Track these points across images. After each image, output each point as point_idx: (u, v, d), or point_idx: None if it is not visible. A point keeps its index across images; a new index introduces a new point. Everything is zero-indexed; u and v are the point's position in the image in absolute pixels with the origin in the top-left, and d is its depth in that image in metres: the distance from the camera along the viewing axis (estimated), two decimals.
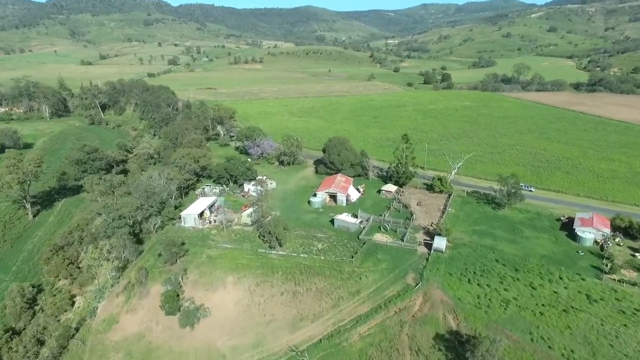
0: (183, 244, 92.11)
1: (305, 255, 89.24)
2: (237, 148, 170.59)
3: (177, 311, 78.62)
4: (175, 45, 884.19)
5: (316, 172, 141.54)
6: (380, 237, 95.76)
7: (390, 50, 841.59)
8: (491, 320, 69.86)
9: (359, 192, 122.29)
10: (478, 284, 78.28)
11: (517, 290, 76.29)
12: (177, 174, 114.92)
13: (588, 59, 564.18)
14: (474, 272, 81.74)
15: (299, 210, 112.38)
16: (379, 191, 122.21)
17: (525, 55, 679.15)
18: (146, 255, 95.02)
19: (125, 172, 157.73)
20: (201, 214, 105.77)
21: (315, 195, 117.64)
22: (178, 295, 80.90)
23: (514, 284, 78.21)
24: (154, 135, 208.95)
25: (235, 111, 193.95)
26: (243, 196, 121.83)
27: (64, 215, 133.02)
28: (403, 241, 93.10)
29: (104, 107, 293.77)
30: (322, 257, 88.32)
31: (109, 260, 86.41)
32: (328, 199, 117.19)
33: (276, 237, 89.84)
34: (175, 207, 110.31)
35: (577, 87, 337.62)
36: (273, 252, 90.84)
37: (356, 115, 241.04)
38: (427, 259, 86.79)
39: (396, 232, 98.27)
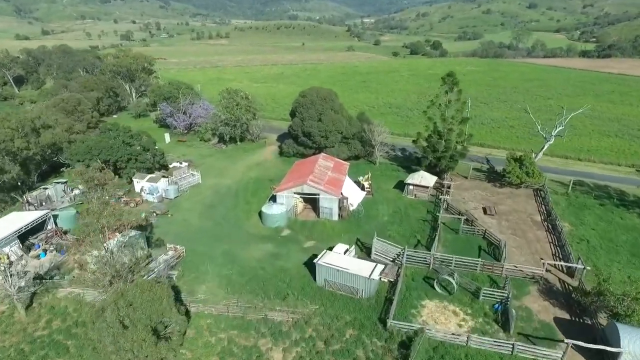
0: None
1: None
2: (156, 120, 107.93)
3: None
4: (134, 22, 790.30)
5: (280, 153, 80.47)
6: (438, 316, 36.25)
7: (367, 28, 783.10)
8: None
9: (364, 189, 61.95)
10: None
11: None
12: None
13: (579, 31, 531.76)
14: None
15: (237, 236, 51.03)
16: (403, 186, 61.74)
17: (509, 30, 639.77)
18: None
19: None
20: None
21: (273, 199, 57.15)
22: None
23: None
24: None
25: (154, 61, 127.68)
26: (127, 203, 59.57)
27: None
28: (510, 332, 33.41)
29: (21, 81, 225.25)
30: None
31: None
32: (301, 206, 56.71)
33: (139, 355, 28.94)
34: None
35: (583, 54, 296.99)
36: None
37: (339, 80, 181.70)
38: None
39: (475, 295, 38.57)
